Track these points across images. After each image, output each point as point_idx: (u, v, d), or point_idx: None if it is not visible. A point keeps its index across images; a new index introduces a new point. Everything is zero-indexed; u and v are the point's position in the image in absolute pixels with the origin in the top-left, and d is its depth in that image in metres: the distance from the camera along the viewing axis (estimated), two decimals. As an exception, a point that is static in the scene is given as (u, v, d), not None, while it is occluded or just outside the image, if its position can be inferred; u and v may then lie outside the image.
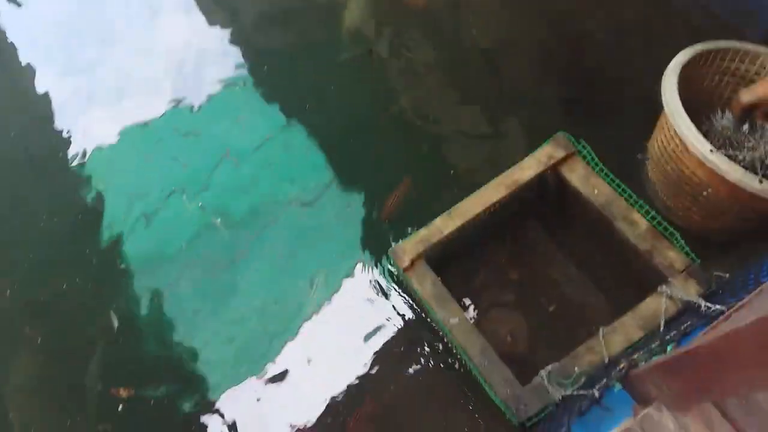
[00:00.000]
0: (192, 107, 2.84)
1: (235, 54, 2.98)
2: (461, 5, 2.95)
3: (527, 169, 2.15)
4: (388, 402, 2.08)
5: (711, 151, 1.82)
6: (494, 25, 2.85)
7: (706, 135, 2.15)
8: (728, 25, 2.54)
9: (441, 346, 2.13)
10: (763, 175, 2.05)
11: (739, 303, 1.40)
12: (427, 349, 2.14)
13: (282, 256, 2.39)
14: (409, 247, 2.04)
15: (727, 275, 1.98)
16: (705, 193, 1.98)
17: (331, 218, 2.44)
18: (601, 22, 2.77)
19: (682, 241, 1.90)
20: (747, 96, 1.97)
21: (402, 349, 2.17)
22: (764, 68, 2.11)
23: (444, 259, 2.18)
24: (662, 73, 2.02)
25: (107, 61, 3.08)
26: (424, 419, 2.05)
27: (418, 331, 2.17)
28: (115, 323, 2.36)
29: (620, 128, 2.43)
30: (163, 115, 2.84)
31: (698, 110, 2.26)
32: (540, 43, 2.77)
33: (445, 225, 2.07)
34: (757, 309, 0.97)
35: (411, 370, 2.12)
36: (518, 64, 2.74)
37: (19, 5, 3.41)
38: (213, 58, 2.98)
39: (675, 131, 1.95)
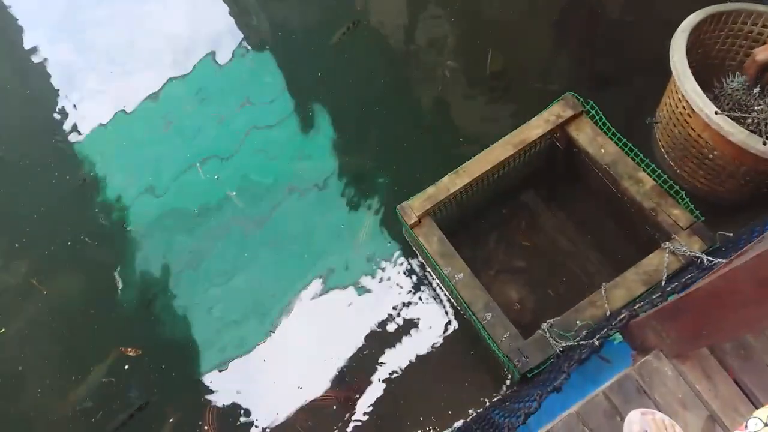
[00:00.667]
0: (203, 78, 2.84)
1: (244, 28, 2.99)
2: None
3: (535, 128, 2.16)
4: (394, 363, 2.14)
5: (716, 112, 1.82)
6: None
7: (716, 98, 2.16)
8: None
9: (447, 308, 2.18)
10: (768, 137, 2.06)
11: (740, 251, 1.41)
12: (433, 308, 2.20)
13: (293, 232, 2.43)
14: (416, 204, 2.06)
15: (731, 234, 2.00)
16: (711, 155, 2.00)
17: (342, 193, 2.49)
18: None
19: (687, 199, 1.91)
20: (763, 55, 1.96)
21: (408, 310, 2.22)
22: None
23: (454, 223, 2.22)
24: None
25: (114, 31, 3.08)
26: (428, 379, 2.11)
27: (425, 289, 2.23)
28: (120, 284, 2.41)
29: (631, 92, 2.45)
30: (169, 85, 2.84)
31: (710, 73, 2.27)
32: (554, 13, 2.76)
33: (452, 183, 2.09)
34: (758, 251, 0.99)
35: (417, 334, 2.18)
36: (533, 35, 2.74)
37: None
38: (223, 29, 2.98)
39: (682, 94, 1.95)
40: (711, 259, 1.65)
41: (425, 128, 2.59)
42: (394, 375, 2.12)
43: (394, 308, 2.23)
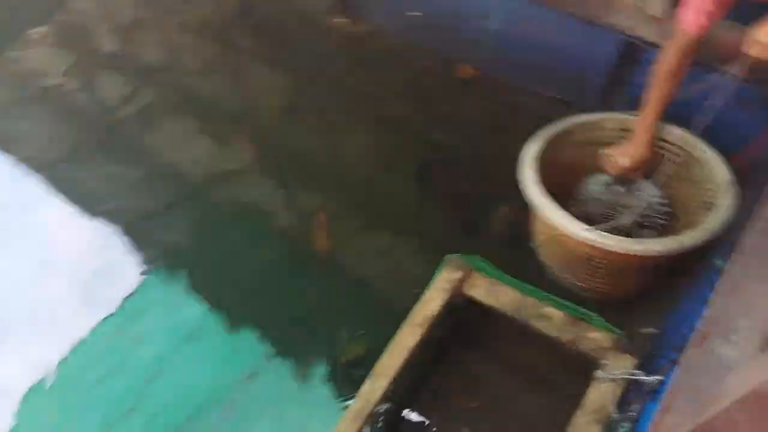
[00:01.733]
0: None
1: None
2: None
3: (431, 301, 2.11)
4: None
5: (586, 229, 1.87)
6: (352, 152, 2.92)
7: (585, 204, 2.23)
8: (565, 102, 2.71)
9: None
10: (643, 226, 2.13)
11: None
12: None
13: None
14: (344, 428, 1.90)
15: (655, 330, 1.96)
16: (601, 265, 2.02)
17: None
18: (449, 131, 2.90)
19: (601, 319, 1.88)
20: (626, 161, 2.06)
21: None
22: (611, 129, 2.25)
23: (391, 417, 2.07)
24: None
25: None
26: None
27: None
28: None
29: (501, 230, 2.48)
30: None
31: (573, 178, 2.36)
32: (401, 166, 2.86)
33: (372, 390, 1.96)
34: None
35: None
36: (394, 189, 2.79)
37: None
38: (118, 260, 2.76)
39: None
40: (645, 378, 1.58)
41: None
42: None
43: None
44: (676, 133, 2.13)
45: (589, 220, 2.24)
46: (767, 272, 1.32)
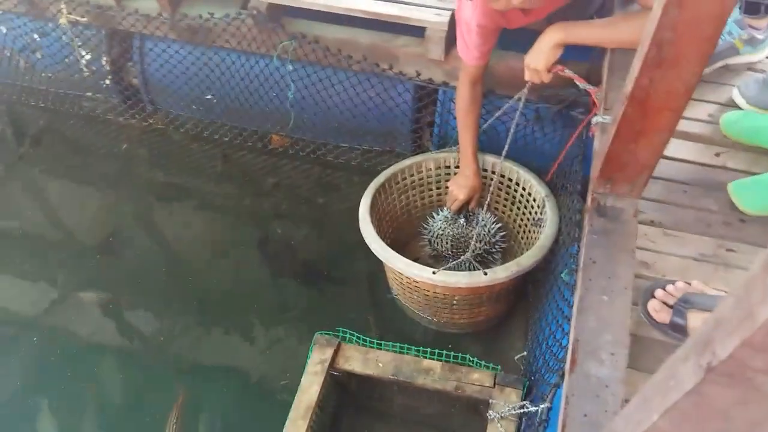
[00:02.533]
0: None
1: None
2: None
3: (309, 387, 2.01)
4: None
5: (434, 272, 1.91)
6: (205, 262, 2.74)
7: (431, 242, 2.29)
8: (383, 151, 2.78)
9: None
10: (489, 252, 2.22)
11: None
12: None
13: None
14: None
15: (525, 353, 2.04)
16: (454, 301, 2.08)
17: None
18: (282, 202, 2.84)
19: (475, 359, 1.91)
20: (460, 193, 2.16)
21: None
22: (434, 168, 2.33)
23: None
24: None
25: None
26: None
27: None
28: None
29: (362, 285, 2.46)
30: None
31: (418, 218, 2.40)
32: (241, 248, 2.73)
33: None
34: None
35: None
36: (240, 275, 2.66)
37: None
38: None
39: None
40: (534, 407, 1.62)
41: None
42: None
43: None
44: (490, 160, 2.26)
45: (438, 256, 2.31)
46: (607, 283, 1.41)
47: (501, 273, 1.91)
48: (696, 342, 0.62)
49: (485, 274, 1.89)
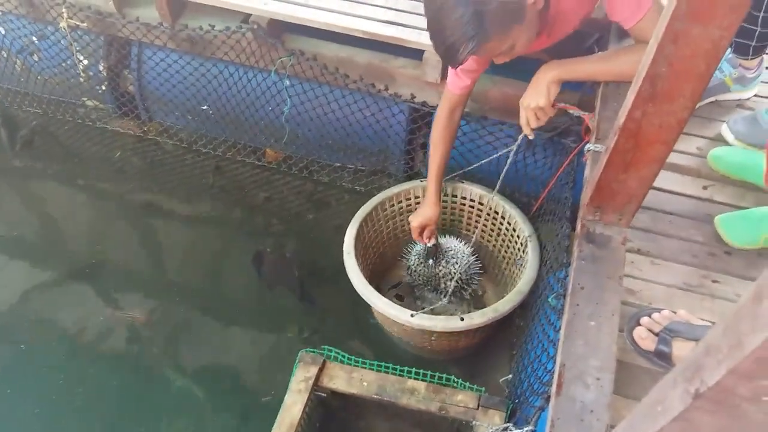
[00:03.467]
0: None
1: None
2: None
3: (293, 405, 1.99)
4: None
5: (412, 315, 1.96)
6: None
7: (411, 275, 2.30)
8: (374, 171, 2.80)
9: None
10: (466, 285, 2.25)
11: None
12: None
13: None
14: None
15: (510, 375, 2.05)
16: (433, 337, 2.12)
17: None
18: (274, 217, 2.84)
19: (459, 380, 1.91)
20: (415, 220, 2.17)
21: None
22: (417, 196, 2.34)
23: None
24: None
25: None
26: None
27: None
28: None
29: (344, 307, 2.46)
30: None
31: (395, 251, 2.42)
32: (233, 262, 2.72)
33: None
34: None
35: None
36: (231, 287, 2.65)
37: None
38: None
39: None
40: (516, 430, 1.63)
41: None
42: None
43: None
44: (476, 191, 2.30)
45: (415, 287, 2.34)
46: (594, 309, 1.42)
47: (477, 319, 1.96)
48: (685, 368, 0.64)
49: (462, 319, 1.95)
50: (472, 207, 2.35)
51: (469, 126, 2.34)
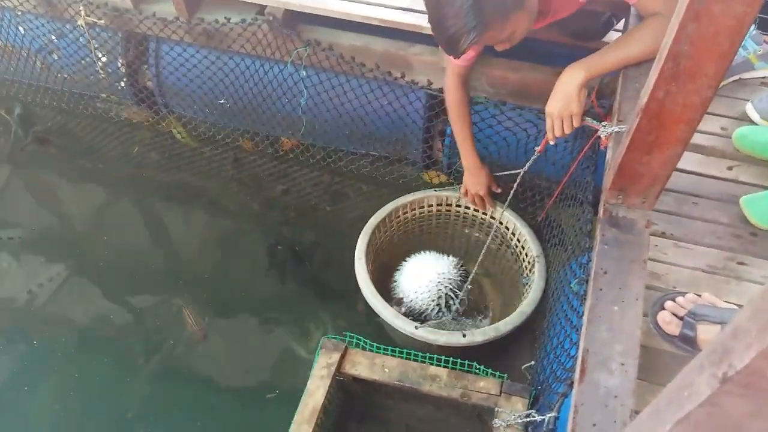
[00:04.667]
0: None
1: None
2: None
3: (316, 391, 2.02)
4: None
5: (416, 327, 1.99)
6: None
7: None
8: (392, 159, 2.78)
9: None
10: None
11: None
12: None
13: None
14: None
15: (533, 362, 2.04)
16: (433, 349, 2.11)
17: None
18: (291, 208, 2.85)
19: (482, 367, 1.91)
20: (477, 189, 2.23)
21: None
22: (436, 204, 2.40)
23: None
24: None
25: None
26: None
27: None
28: None
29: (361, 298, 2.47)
30: None
31: (409, 243, 2.42)
32: (250, 253, 2.74)
33: None
34: None
35: None
36: (250, 276, 2.67)
37: None
38: None
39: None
40: (536, 417, 1.63)
41: None
42: None
43: None
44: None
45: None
46: (617, 293, 1.41)
47: (478, 336, 1.99)
48: (712, 352, 0.63)
49: (464, 336, 1.98)
50: (482, 222, 2.38)
51: (487, 111, 2.32)
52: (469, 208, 2.41)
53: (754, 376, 0.56)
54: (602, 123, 1.63)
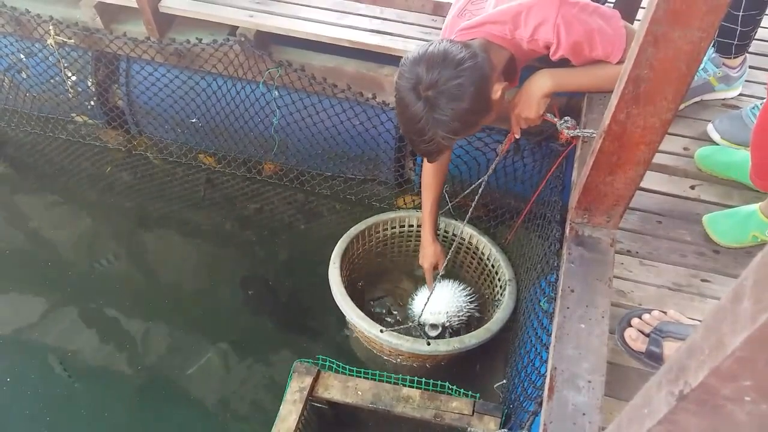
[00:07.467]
0: None
1: None
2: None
3: (288, 416, 1.99)
4: None
5: (381, 330, 1.99)
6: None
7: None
8: (366, 180, 2.80)
9: None
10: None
11: None
12: None
13: None
14: None
15: (504, 381, 2.05)
16: (399, 358, 2.20)
17: None
18: (265, 230, 2.82)
19: (454, 387, 1.91)
20: (425, 264, 2.24)
21: None
22: (411, 225, 2.40)
23: None
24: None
25: None
26: None
27: None
28: None
29: (335, 317, 2.46)
30: None
31: (386, 272, 2.43)
32: (224, 279, 2.71)
33: None
34: None
35: None
36: (224, 304, 2.62)
37: None
38: None
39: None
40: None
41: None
42: None
43: None
44: (467, 231, 2.33)
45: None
46: (584, 311, 1.42)
47: (443, 346, 1.99)
48: (669, 370, 0.64)
49: (428, 344, 1.97)
50: (461, 245, 2.39)
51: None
52: (447, 232, 2.41)
53: (708, 393, 0.57)
54: (563, 118, 1.68)
